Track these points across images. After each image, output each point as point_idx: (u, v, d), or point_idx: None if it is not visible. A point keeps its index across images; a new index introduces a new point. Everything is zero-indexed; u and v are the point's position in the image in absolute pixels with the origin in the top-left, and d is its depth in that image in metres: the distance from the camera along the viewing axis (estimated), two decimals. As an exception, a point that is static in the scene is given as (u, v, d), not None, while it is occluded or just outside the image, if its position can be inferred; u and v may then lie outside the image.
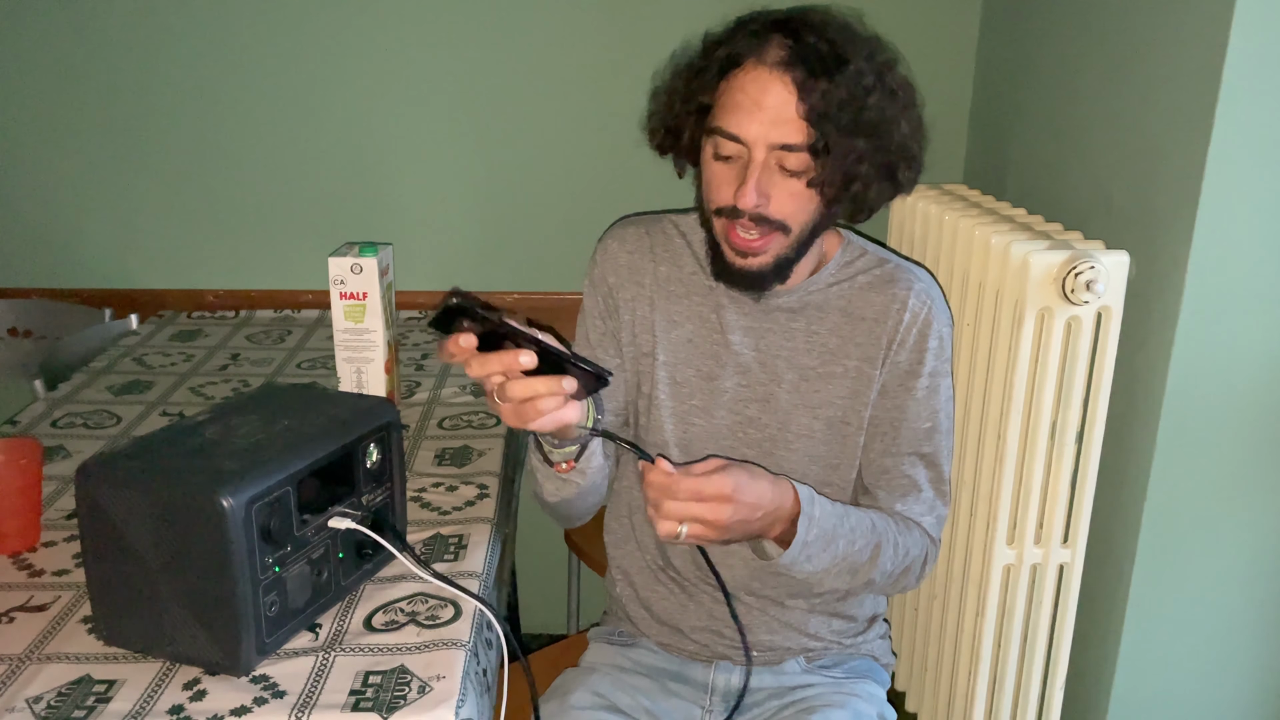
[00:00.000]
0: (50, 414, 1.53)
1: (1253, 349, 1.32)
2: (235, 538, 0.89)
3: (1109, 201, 1.48)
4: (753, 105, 1.05)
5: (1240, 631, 1.43)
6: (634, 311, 1.25)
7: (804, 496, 1.09)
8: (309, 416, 1.04)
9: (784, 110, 1.04)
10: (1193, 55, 1.27)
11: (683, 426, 1.23)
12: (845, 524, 1.12)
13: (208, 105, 1.97)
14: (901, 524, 1.20)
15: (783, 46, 1.05)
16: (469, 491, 1.31)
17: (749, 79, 1.06)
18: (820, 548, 1.10)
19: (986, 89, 1.95)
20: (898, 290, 1.18)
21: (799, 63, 1.03)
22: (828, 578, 1.14)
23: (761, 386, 1.21)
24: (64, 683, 0.93)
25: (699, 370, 1.23)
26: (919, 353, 1.18)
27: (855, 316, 1.19)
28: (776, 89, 1.04)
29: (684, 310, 1.23)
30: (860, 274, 1.20)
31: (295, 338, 1.90)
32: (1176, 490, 1.37)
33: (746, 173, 1.07)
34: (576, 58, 1.97)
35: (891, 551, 1.16)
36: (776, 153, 1.06)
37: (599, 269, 1.27)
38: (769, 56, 1.05)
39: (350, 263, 1.40)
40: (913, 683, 1.73)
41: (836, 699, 1.24)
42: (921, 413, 1.20)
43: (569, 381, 0.95)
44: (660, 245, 1.25)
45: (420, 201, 2.04)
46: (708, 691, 1.28)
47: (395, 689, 0.93)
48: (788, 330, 1.20)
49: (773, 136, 1.05)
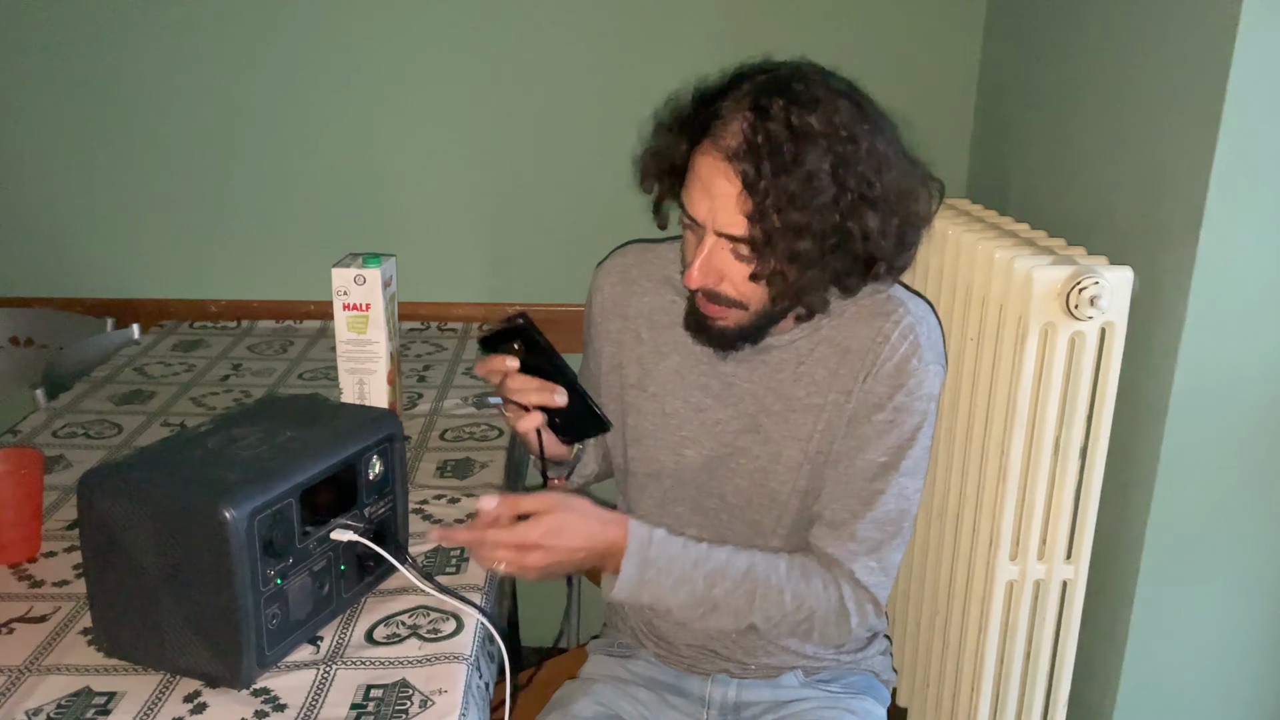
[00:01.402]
0: (51, 424, 1.53)
1: (1257, 364, 1.31)
2: (237, 549, 0.88)
3: (1113, 217, 1.48)
4: (703, 189, 1.05)
5: (1245, 648, 1.43)
6: (620, 345, 1.25)
7: (636, 538, 1.09)
8: (311, 428, 1.04)
9: (728, 203, 1.02)
10: (1197, 70, 1.27)
11: (675, 457, 1.23)
12: (705, 566, 1.11)
13: (211, 115, 1.97)
14: (803, 571, 1.14)
15: (739, 134, 1.01)
16: (471, 504, 1.31)
17: (703, 162, 1.04)
18: (670, 587, 1.10)
19: (990, 104, 1.95)
20: (884, 323, 1.14)
21: (749, 156, 1.00)
22: (694, 615, 1.12)
23: (750, 418, 1.19)
24: (64, 695, 0.93)
25: (687, 401, 1.22)
26: (892, 387, 1.14)
27: (842, 348, 1.16)
28: (722, 180, 1.02)
29: (671, 341, 1.22)
30: (852, 304, 1.16)
31: (297, 348, 1.89)
32: (1180, 506, 1.37)
33: (696, 252, 1.07)
34: (582, 71, 1.98)
35: (775, 597, 1.12)
36: (726, 238, 1.05)
37: (589, 301, 1.29)
38: (724, 142, 1.02)
39: (353, 274, 1.40)
40: (915, 699, 1.72)
41: (830, 715, 1.23)
42: (880, 446, 1.14)
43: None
44: (646, 276, 1.25)
45: (424, 213, 2.04)
46: (704, 705, 1.28)
47: (396, 703, 0.92)
48: (779, 361, 1.18)
49: (718, 224, 1.04)
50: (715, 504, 1.23)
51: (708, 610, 1.12)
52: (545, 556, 1.03)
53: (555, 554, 1.04)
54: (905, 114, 2.06)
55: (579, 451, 1.27)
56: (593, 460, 1.33)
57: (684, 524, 1.24)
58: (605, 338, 1.27)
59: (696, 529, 1.24)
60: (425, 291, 2.04)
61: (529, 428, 1.15)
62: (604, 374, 1.28)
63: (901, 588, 1.77)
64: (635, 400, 1.24)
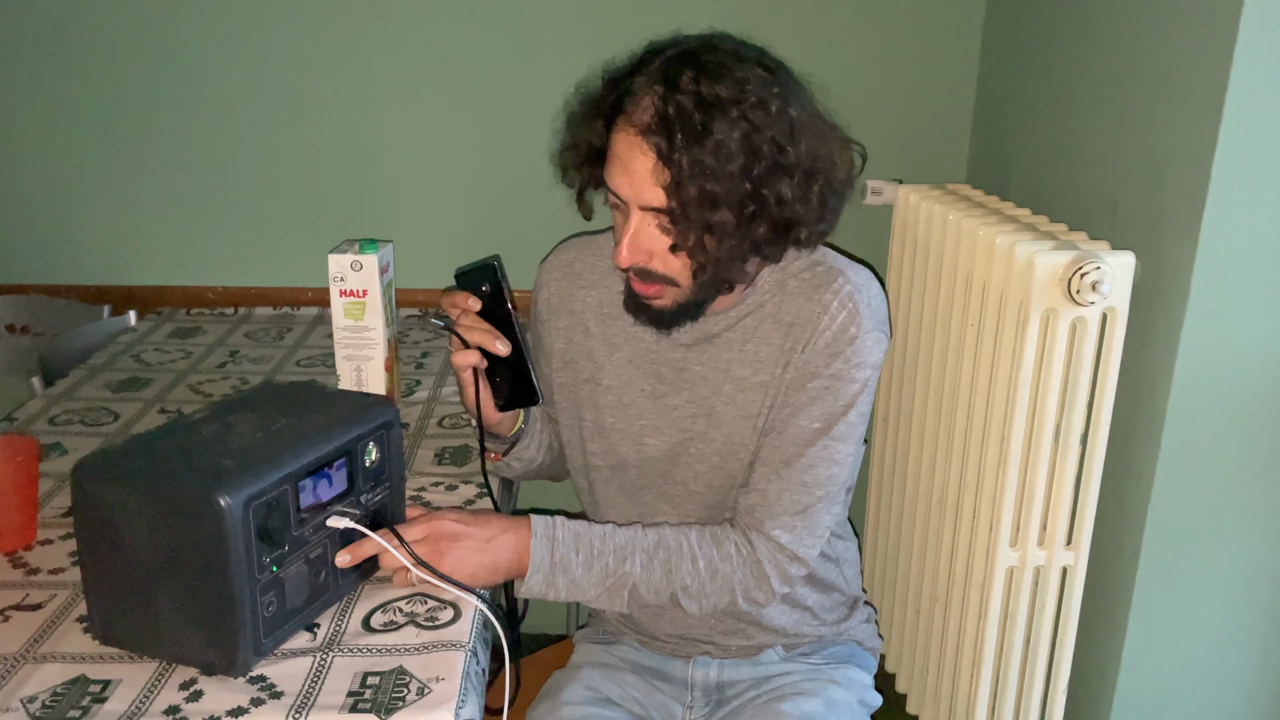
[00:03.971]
0: (47, 411, 1.52)
1: (1259, 350, 1.31)
2: (233, 537, 0.88)
3: (1114, 202, 1.47)
4: (622, 166, 1.05)
5: (1244, 634, 1.43)
6: (569, 340, 1.25)
7: (540, 521, 1.11)
8: (308, 415, 1.03)
9: (645, 176, 1.03)
10: (1200, 54, 1.26)
11: (637, 447, 1.23)
12: (613, 541, 1.12)
13: (207, 101, 1.96)
14: (714, 538, 1.16)
15: (651, 108, 1.02)
16: (469, 491, 1.31)
17: (620, 139, 1.05)
18: (582, 566, 1.11)
19: (990, 87, 1.94)
20: (823, 294, 1.14)
21: (661, 129, 1.01)
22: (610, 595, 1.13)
23: (705, 401, 1.19)
24: (59, 682, 0.92)
25: (643, 390, 1.22)
26: (828, 356, 1.13)
27: (784, 323, 1.15)
28: (638, 155, 1.03)
29: (620, 332, 1.22)
30: (792, 278, 1.16)
31: (294, 335, 1.89)
32: (1181, 492, 1.36)
33: (624, 231, 1.07)
34: (577, 54, 1.96)
35: (689, 565, 1.13)
36: (650, 212, 1.05)
37: (534, 298, 1.29)
38: (637, 117, 1.03)
39: (350, 260, 1.39)
40: (914, 685, 1.72)
41: (810, 686, 1.24)
42: (813, 412, 1.14)
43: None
44: (589, 269, 1.25)
45: (420, 198, 2.03)
46: (688, 687, 1.30)
47: (394, 690, 0.92)
48: (726, 342, 1.18)
49: (640, 199, 1.05)
50: (679, 490, 1.23)
51: (620, 587, 1.12)
52: (449, 545, 1.05)
53: (458, 539, 1.05)
54: (907, 98, 2.05)
55: (518, 431, 1.26)
56: (534, 446, 1.31)
57: (653, 512, 1.25)
58: (555, 334, 1.27)
59: (664, 516, 1.24)
60: (423, 278, 2.03)
61: (463, 363, 1.15)
62: (555, 370, 1.27)
63: (901, 574, 1.77)
64: (591, 395, 1.24)
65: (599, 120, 1.09)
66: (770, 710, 1.20)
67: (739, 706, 1.26)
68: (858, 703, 1.27)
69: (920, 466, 1.67)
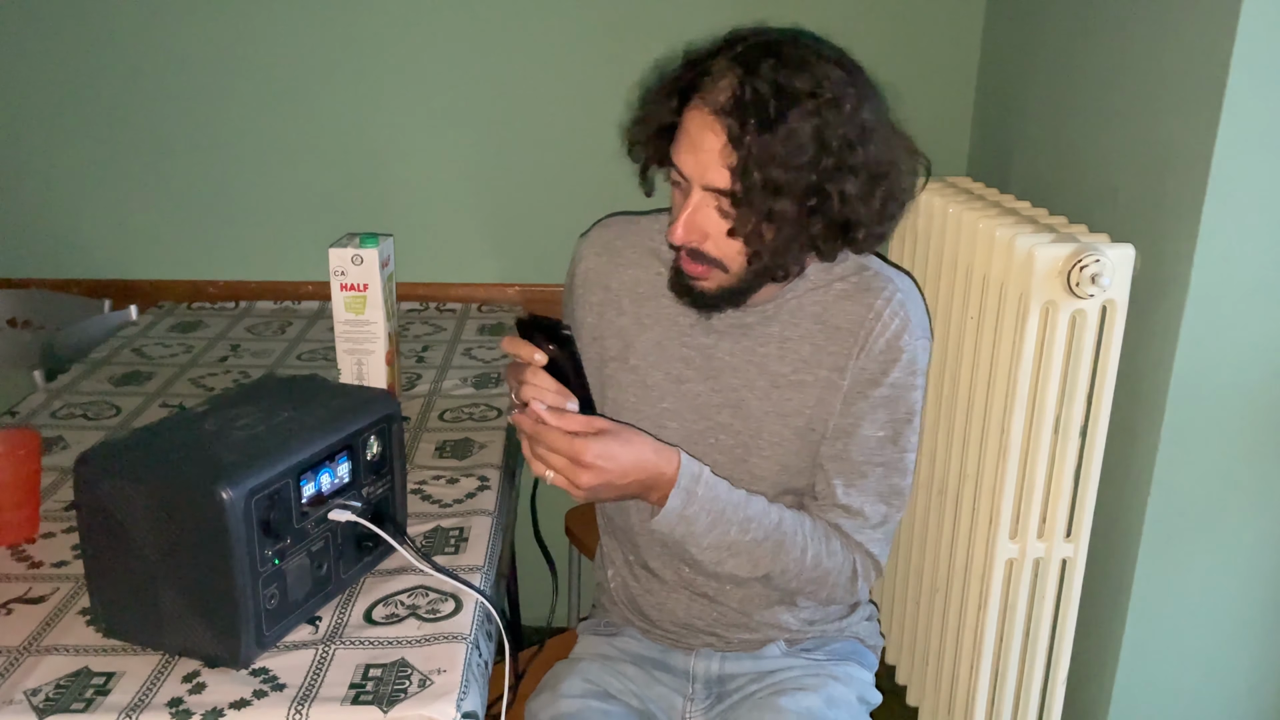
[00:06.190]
0: (49, 405, 1.52)
1: (1258, 343, 1.31)
2: (235, 530, 0.88)
3: (1114, 194, 1.47)
4: (691, 144, 1.05)
5: (1243, 627, 1.43)
6: (601, 317, 1.25)
7: (687, 472, 1.09)
8: (309, 408, 1.04)
9: (714, 156, 1.03)
10: (1200, 46, 1.26)
11: (655, 429, 1.22)
12: (741, 512, 1.12)
13: (208, 95, 1.96)
14: (825, 533, 1.17)
15: (728, 89, 1.03)
16: (470, 484, 1.31)
17: (693, 117, 1.06)
18: (706, 526, 1.10)
19: (991, 80, 1.94)
20: (874, 300, 1.15)
21: (735, 112, 1.02)
22: (717, 558, 1.13)
23: (733, 392, 1.19)
24: (63, 675, 0.93)
25: (669, 373, 1.22)
26: (885, 363, 1.15)
27: (830, 325, 1.16)
28: (709, 134, 1.03)
29: (653, 313, 1.22)
30: (838, 280, 1.17)
31: (296, 329, 1.89)
32: (1180, 484, 1.37)
33: (682, 208, 1.07)
34: (577, 48, 1.96)
35: (798, 554, 1.14)
36: (712, 193, 1.06)
37: (570, 271, 1.28)
38: (713, 97, 1.04)
39: (351, 254, 1.39)
40: (914, 676, 1.73)
41: (811, 682, 1.24)
42: (878, 420, 1.16)
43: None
44: (630, 248, 1.25)
45: (421, 192, 2.03)
46: (690, 679, 1.29)
47: (396, 682, 0.92)
48: (762, 336, 1.18)
49: (705, 179, 1.05)
50: None
51: (730, 555, 1.13)
52: (595, 477, 1.03)
53: (605, 475, 1.03)
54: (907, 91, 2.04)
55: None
56: None
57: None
58: (587, 308, 1.26)
59: None
60: (424, 272, 2.03)
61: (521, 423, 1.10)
62: (584, 346, 1.27)
63: (901, 566, 1.77)
64: (615, 373, 1.24)
65: (674, 97, 1.09)
66: (771, 705, 1.20)
67: (740, 700, 1.26)
68: (858, 700, 1.27)
69: (920, 458, 1.67)
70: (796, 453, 1.19)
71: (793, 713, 1.18)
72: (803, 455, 1.19)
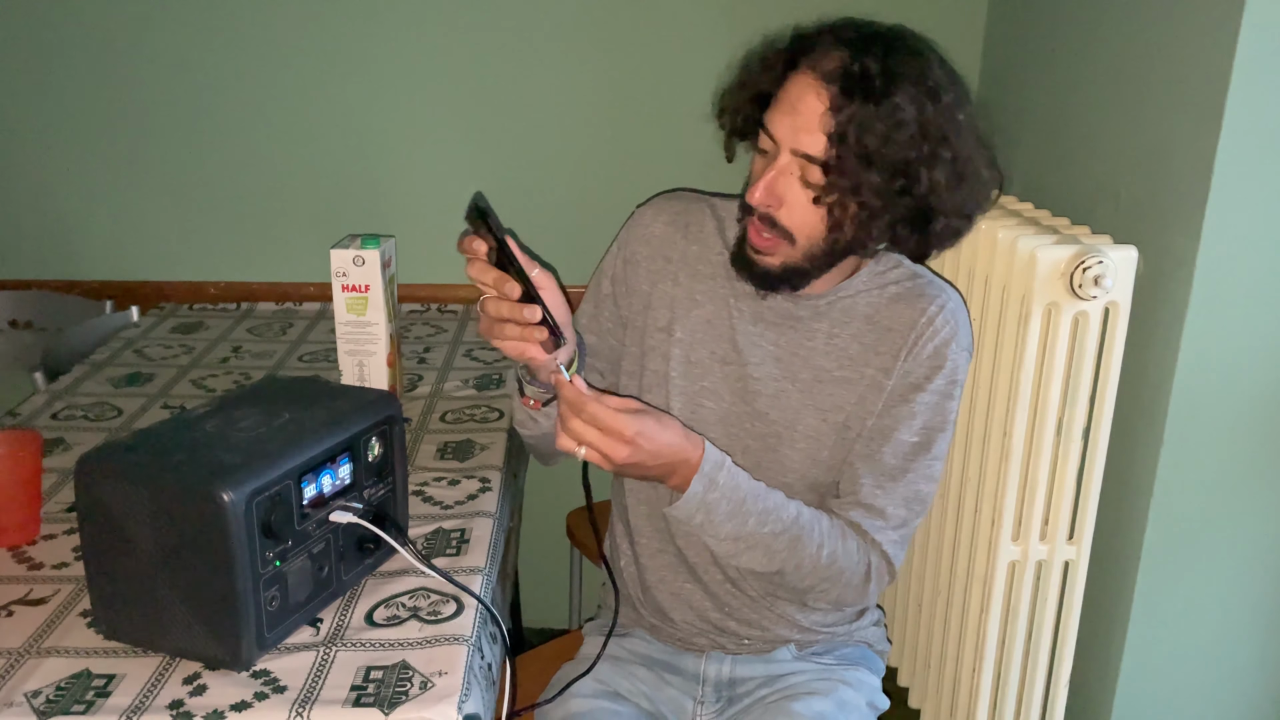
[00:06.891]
0: (50, 406, 1.52)
1: (1261, 345, 1.31)
2: (236, 532, 0.88)
3: (1117, 196, 1.47)
4: (789, 107, 1.06)
5: (1246, 629, 1.43)
6: (654, 285, 1.24)
7: (710, 459, 1.08)
8: (311, 410, 1.04)
9: (812, 120, 1.04)
10: (1202, 48, 1.26)
11: (692, 406, 1.22)
12: (760, 503, 1.11)
13: (210, 96, 1.96)
14: (842, 531, 1.17)
15: (837, 60, 1.04)
16: (471, 486, 1.31)
17: (796, 81, 1.06)
18: (725, 515, 1.09)
19: (993, 81, 1.94)
20: (926, 305, 1.17)
21: (842, 79, 1.03)
22: (734, 549, 1.12)
23: (775, 382, 1.20)
24: (63, 677, 0.93)
25: (713, 353, 1.21)
26: (931, 369, 1.17)
27: (880, 326, 1.18)
28: (812, 98, 1.04)
29: (707, 291, 1.22)
30: (891, 284, 1.19)
31: (297, 330, 1.89)
32: (1183, 487, 1.36)
33: (765, 172, 1.07)
34: (581, 48, 1.96)
35: (814, 550, 1.13)
36: (800, 160, 1.06)
37: (629, 234, 1.26)
38: (821, 65, 1.05)
39: (352, 255, 1.39)
40: (916, 679, 1.72)
41: (822, 686, 1.24)
42: (914, 426, 1.18)
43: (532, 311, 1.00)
44: (694, 224, 1.25)
45: (423, 193, 2.03)
46: (700, 682, 1.29)
47: (397, 684, 0.92)
48: (810, 330, 1.19)
49: (798, 142, 1.05)
50: None
51: (746, 546, 1.12)
52: (632, 453, 1.02)
53: (640, 454, 1.02)
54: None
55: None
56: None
57: None
58: (643, 275, 1.25)
59: None
60: (425, 273, 2.03)
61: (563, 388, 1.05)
62: (633, 313, 1.25)
63: (903, 568, 1.77)
64: (659, 344, 1.23)
65: (777, 65, 1.10)
66: (782, 709, 1.20)
67: (750, 704, 1.25)
68: (867, 705, 1.27)
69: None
70: (829, 448, 1.20)
71: (805, 717, 1.18)
72: (835, 452, 1.20)
